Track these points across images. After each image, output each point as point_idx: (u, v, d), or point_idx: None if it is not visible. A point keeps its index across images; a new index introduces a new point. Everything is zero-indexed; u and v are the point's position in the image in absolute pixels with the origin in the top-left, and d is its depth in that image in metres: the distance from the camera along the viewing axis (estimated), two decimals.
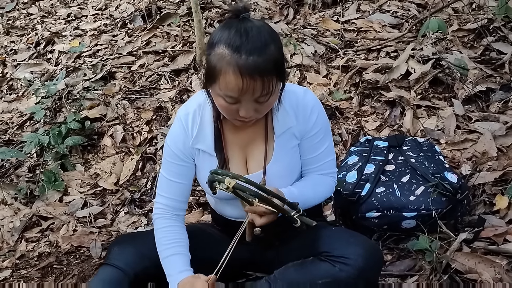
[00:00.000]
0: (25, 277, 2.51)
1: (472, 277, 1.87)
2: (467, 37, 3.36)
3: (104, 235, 2.72)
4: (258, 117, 1.65)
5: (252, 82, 1.48)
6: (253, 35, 1.49)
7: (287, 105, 1.74)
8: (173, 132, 1.80)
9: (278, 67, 1.53)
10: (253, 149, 1.78)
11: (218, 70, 1.50)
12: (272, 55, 1.50)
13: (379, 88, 3.13)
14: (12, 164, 3.47)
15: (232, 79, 1.48)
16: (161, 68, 3.86)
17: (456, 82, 3.01)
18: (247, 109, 1.56)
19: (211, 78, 1.55)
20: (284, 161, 1.77)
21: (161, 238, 1.78)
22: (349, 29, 3.77)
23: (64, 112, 3.67)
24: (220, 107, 1.61)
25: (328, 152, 1.84)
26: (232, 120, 1.65)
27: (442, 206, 2.09)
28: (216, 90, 1.56)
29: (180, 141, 1.77)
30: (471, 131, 2.73)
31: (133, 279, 1.67)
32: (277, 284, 1.69)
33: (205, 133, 1.76)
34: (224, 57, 1.49)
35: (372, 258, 1.65)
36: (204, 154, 1.77)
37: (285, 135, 1.76)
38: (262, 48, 1.48)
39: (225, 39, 1.50)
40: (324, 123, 1.81)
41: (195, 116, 1.76)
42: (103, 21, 4.69)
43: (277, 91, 1.59)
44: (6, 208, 3.08)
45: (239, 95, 1.51)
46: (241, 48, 1.47)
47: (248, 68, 1.46)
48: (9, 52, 4.75)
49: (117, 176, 3.18)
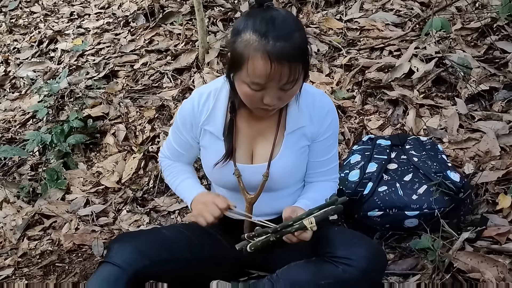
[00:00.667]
0: (27, 275, 2.51)
1: (475, 276, 1.87)
2: (471, 36, 3.35)
3: (106, 234, 2.72)
4: (281, 106, 1.67)
5: (280, 68, 1.49)
6: (279, 22, 1.51)
7: (303, 104, 1.75)
8: (184, 107, 1.84)
9: (303, 54, 1.55)
10: (261, 141, 1.79)
11: (245, 56, 1.52)
12: (298, 42, 1.52)
13: (382, 87, 3.12)
14: (15, 163, 3.48)
15: (260, 65, 1.49)
16: (164, 67, 3.86)
17: (459, 81, 3.00)
18: (272, 96, 1.57)
19: (237, 65, 1.56)
20: (290, 159, 1.77)
21: (170, 173, 1.99)
22: (352, 27, 3.76)
23: (66, 111, 3.67)
24: (243, 95, 1.61)
25: (334, 157, 1.88)
26: (254, 109, 1.66)
27: (445, 205, 2.08)
28: (241, 77, 1.57)
29: (187, 117, 1.82)
30: (474, 130, 2.72)
31: (132, 277, 1.66)
32: (280, 284, 1.68)
33: (217, 117, 1.77)
34: (251, 43, 1.50)
35: (375, 259, 1.64)
36: (212, 136, 1.79)
37: (296, 133, 1.77)
38: (289, 34, 1.50)
39: (251, 26, 1.52)
40: (336, 128, 1.84)
41: (209, 98, 1.78)
42: (106, 20, 4.69)
43: (300, 80, 1.60)
44: (8, 206, 3.09)
45: (266, 81, 1.52)
46: (268, 34, 1.49)
47: (276, 53, 1.48)
48: (12, 51, 4.75)
49: (119, 175, 3.18)
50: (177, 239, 1.81)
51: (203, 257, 1.82)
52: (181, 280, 1.89)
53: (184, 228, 1.91)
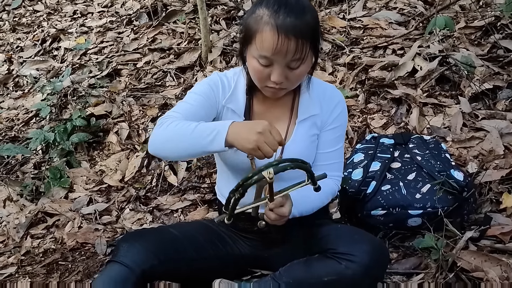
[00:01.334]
0: (30, 273, 2.51)
1: (478, 275, 1.86)
2: (474, 34, 3.34)
3: (109, 232, 2.72)
4: (288, 86, 1.68)
5: (287, 41, 1.54)
6: (292, 2, 1.57)
7: (315, 94, 1.80)
8: (214, 79, 1.81)
9: (313, 34, 1.59)
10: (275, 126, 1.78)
11: (255, 29, 1.58)
12: (309, 21, 1.57)
13: (385, 85, 3.12)
14: (18, 161, 3.48)
15: (268, 36, 1.55)
16: (167, 65, 3.86)
17: (463, 79, 2.99)
18: (279, 73, 1.60)
19: (248, 39, 1.62)
20: (301, 145, 1.79)
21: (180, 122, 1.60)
22: (355, 26, 3.76)
23: (69, 109, 3.67)
24: (253, 71, 1.65)
25: (339, 152, 1.87)
26: (262, 88, 1.68)
27: (448, 204, 2.07)
28: (251, 51, 1.62)
29: (217, 89, 1.79)
30: (478, 129, 2.71)
31: (140, 277, 1.66)
32: (283, 281, 1.68)
33: (238, 96, 1.80)
34: (263, 17, 1.57)
35: (378, 255, 1.64)
36: (234, 115, 1.79)
37: (307, 121, 1.80)
38: (300, 12, 1.56)
39: (265, 3, 1.58)
40: (344, 122, 1.86)
41: (230, 80, 1.82)
42: (109, 18, 4.70)
43: (308, 62, 1.64)
44: (11, 204, 3.09)
45: (272, 53, 1.56)
46: (280, 10, 1.55)
47: (285, 26, 1.53)
48: (15, 49, 4.76)
49: (122, 173, 3.18)
50: (184, 238, 1.81)
51: (208, 256, 1.82)
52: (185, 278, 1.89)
53: (190, 226, 1.91)
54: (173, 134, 1.59)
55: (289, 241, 1.86)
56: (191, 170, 3.03)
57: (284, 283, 1.69)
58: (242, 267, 1.92)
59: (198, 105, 1.73)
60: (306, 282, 1.66)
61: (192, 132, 1.55)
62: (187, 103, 1.73)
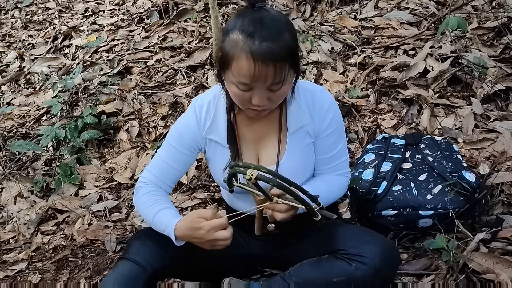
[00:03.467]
0: (41, 269, 2.53)
1: (489, 277, 1.85)
2: (487, 35, 3.32)
3: (119, 229, 2.73)
4: (272, 106, 1.64)
5: (265, 68, 1.47)
6: (267, 22, 1.50)
7: (303, 102, 1.74)
8: (185, 120, 1.80)
9: (291, 55, 1.52)
10: (265, 144, 1.77)
11: (231, 56, 1.51)
12: (285, 43, 1.49)
13: (396, 86, 3.10)
14: (29, 158, 3.50)
15: (244, 64, 1.48)
16: (177, 64, 3.87)
17: (475, 80, 2.97)
18: (260, 97, 1.55)
19: (225, 64, 1.55)
20: (297, 158, 1.76)
21: (145, 202, 1.77)
22: (366, 26, 3.75)
23: (80, 107, 3.69)
24: (233, 96, 1.61)
25: (342, 152, 1.83)
26: (246, 110, 1.64)
27: (460, 205, 2.06)
28: (229, 77, 1.56)
29: (190, 130, 1.78)
30: (490, 130, 2.70)
31: (151, 276, 1.66)
32: (292, 281, 1.68)
33: (218, 125, 1.76)
34: (238, 43, 1.49)
35: (389, 257, 1.63)
36: (217, 145, 1.77)
37: (298, 132, 1.75)
38: (276, 35, 1.48)
39: (239, 26, 1.51)
40: (339, 123, 1.80)
41: (210, 107, 1.77)
42: (120, 16, 4.71)
43: (290, 81, 1.58)
44: (22, 200, 3.11)
45: (251, 81, 1.51)
46: (255, 34, 1.47)
47: (261, 53, 1.46)
48: (27, 46, 4.79)
49: (132, 171, 3.19)
50: None
51: (218, 254, 1.81)
52: (196, 276, 1.89)
53: None
54: (141, 212, 1.82)
55: (299, 241, 1.85)
56: (201, 168, 3.03)
57: (293, 283, 1.68)
58: (252, 266, 1.92)
59: (172, 161, 1.81)
60: (316, 283, 1.66)
61: (152, 220, 1.73)
62: (162, 161, 1.83)
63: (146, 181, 1.83)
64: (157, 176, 1.82)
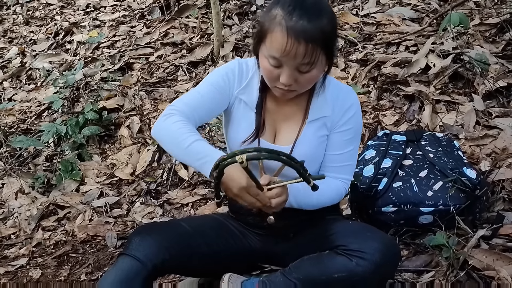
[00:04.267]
0: (41, 265, 2.53)
1: (490, 274, 1.85)
2: (489, 31, 3.31)
3: (120, 225, 2.73)
4: (299, 90, 1.66)
5: (296, 45, 1.51)
6: (308, 3, 1.55)
7: (329, 95, 1.77)
8: (230, 68, 1.80)
9: (325, 40, 1.55)
10: (285, 126, 1.79)
11: (267, 28, 1.56)
12: (322, 26, 1.53)
13: (398, 82, 3.10)
14: (30, 153, 3.51)
15: (278, 38, 1.53)
16: (179, 60, 3.86)
17: (477, 77, 2.96)
18: (288, 75, 1.58)
19: (261, 37, 1.60)
20: (309, 145, 1.76)
21: (179, 128, 1.66)
22: (368, 22, 3.74)
23: (81, 102, 3.69)
24: (263, 70, 1.65)
25: (351, 155, 1.83)
26: (273, 88, 1.67)
27: (461, 202, 2.06)
28: (263, 50, 1.61)
29: (231, 78, 1.78)
30: (491, 127, 2.69)
31: (151, 272, 1.66)
32: (292, 277, 1.67)
33: (252, 88, 1.78)
34: (276, 17, 1.55)
35: (389, 253, 1.63)
36: (246, 107, 1.79)
37: (317, 122, 1.77)
38: (314, 16, 1.53)
39: (282, 2, 1.56)
40: (357, 124, 1.82)
41: (249, 69, 1.80)
42: (122, 12, 4.71)
43: (320, 67, 1.60)
44: (23, 196, 3.11)
45: (281, 55, 1.54)
46: (294, 12, 1.52)
47: (295, 30, 1.51)
48: (28, 42, 4.79)
49: (133, 167, 3.19)
50: (195, 232, 1.80)
51: (219, 250, 1.81)
52: (196, 272, 1.89)
53: (201, 220, 1.90)
54: (172, 138, 1.67)
55: (299, 237, 1.85)
56: None
57: (294, 279, 1.68)
58: (252, 262, 1.92)
59: (208, 98, 1.76)
60: (316, 279, 1.65)
61: (186, 148, 1.62)
62: (198, 94, 1.77)
63: (177, 109, 1.73)
64: (190, 106, 1.74)
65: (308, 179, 1.56)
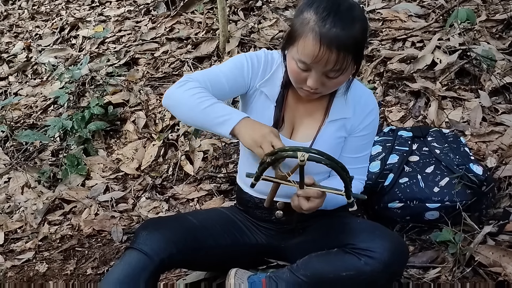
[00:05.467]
0: (48, 259, 2.54)
1: (496, 270, 1.85)
2: (496, 27, 3.30)
3: (125, 220, 2.74)
4: (324, 92, 1.67)
5: (328, 53, 1.51)
6: (342, 9, 1.53)
7: (351, 96, 1.76)
8: (258, 56, 1.79)
9: (357, 47, 1.56)
10: (304, 123, 1.78)
11: (300, 33, 1.55)
12: (355, 34, 1.53)
13: (404, 78, 3.09)
14: (36, 148, 3.51)
15: (310, 44, 1.52)
16: (184, 55, 3.86)
17: (483, 73, 2.95)
18: (315, 80, 1.59)
19: (291, 39, 1.60)
20: (327, 145, 1.75)
21: (198, 92, 1.65)
22: (374, 18, 3.72)
23: (87, 97, 3.69)
24: (290, 71, 1.64)
25: (365, 159, 1.85)
26: (298, 88, 1.68)
27: (467, 198, 2.06)
28: (292, 53, 1.60)
29: (255, 67, 1.78)
30: (498, 123, 2.68)
31: (158, 265, 1.67)
32: (300, 274, 1.68)
33: (275, 81, 1.78)
34: (309, 22, 1.53)
35: (398, 252, 1.63)
36: (266, 100, 1.78)
37: (336, 123, 1.77)
38: (348, 23, 1.52)
39: (315, 6, 1.54)
40: (374, 130, 1.83)
41: (274, 62, 1.79)
42: (127, 8, 4.71)
43: (348, 72, 1.61)
44: (29, 191, 3.12)
45: (312, 61, 1.54)
46: (328, 18, 1.51)
47: (328, 38, 1.50)
48: (34, 37, 4.79)
49: (139, 162, 3.20)
50: (202, 226, 1.81)
51: (225, 244, 1.82)
52: (202, 266, 1.90)
53: (208, 215, 1.91)
54: (188, 101, 1.65)
55: (307, 233, 1.85)
56: (207, 159, 3.03)
57: (301, 276, 1.68)
58: (258, 257, 1.92)
59: (229, 78, 1.75)
60: (324, 277, 1.65)
61: (205, 108, 1.61)
62: (219, 71, 1.76)
63: (194, 78, 1.72)
64: (208, 80, 1.73)
65: (350, 195, 1.56)
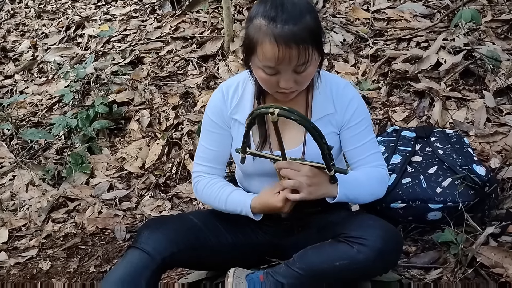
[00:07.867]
0: (51, 256, 2.55)
1: (498, 271, 1.84)
2: (501, 28, 3.29)
3: (129, 218, 2.75)
4: (299, 89, 1.67)
5: (288, 50, 1.52)
6: (288, 6, 1.54)
7: (328, 91, 1.78)
8: (213, 101, 1.85)
9: (314, 36, 1.56)
10: (289, 127, 1.78)
11: (255, 41, 1.56)
12: (307, 24, 1.54)
13: (408, 78, 3.08)
14: (41, 146, 3.53)
15: (268, 49, 1.53)
16: (189, 54, 3.87)
17: (488, 74, 2.94)
18: (287, 80, 1.60)
19: (250, 50, 1.61)
20: None
21: (210, 195, 1.86)
22: (379, 18, 3.72)
23: (92, 96, 3.71)
24: (261, 80, 1.65)
25: (372, 145, 1.84)
26: (274, 93, 1.68)
27: (470, 198, 2.05)
28: (255, 62, 1.61)
29: (219, 110, 1.82)
30: (502, 124, 2.67)
31: (160, 264, 1.68)
32: (296, 267, 1.68)
33: (245, 105, 1.79)
34: (261, 28, 1.54)
35: (391, 240, 1.63)
36: (240, 126, 1.80)
37: (322, 120, 1.77)
38: (297, 17, 1.53)
39: (261, 12, 1.56)
40: (366, 114, 1.83)
41: (238, 88, 1.82)
42: (133, 7, 4.72)
43: (315, 62, 1.61)
44: (34, 188, 3.14)
45: (276, 64, 1.55)
46: (277, 18, 1.52)
47: (283, 36, 1.51)
48: (40, 36, 4.81)
49: (142, 160, 3.21)
50: (204, 225, 1.82)
51: (227, 243, 1.83)
52: (204, 265, 1.91)
53: (210, 214, 1.91)
54: (211, 202, 1.87)
55: (306, 230, 1.86)
56: None
57: (297, 269, 1.68)
58: (260, 256, 1.92)
59: (213, 144, 1.87)
60: (319, 268, 1.65)
61: (225, 207, 1.82)
62: (204, 148, 1.89)
63: (200, 174, 1.90)
64: (207, 164, 1.89)
65: (330, 167, 1.59)
